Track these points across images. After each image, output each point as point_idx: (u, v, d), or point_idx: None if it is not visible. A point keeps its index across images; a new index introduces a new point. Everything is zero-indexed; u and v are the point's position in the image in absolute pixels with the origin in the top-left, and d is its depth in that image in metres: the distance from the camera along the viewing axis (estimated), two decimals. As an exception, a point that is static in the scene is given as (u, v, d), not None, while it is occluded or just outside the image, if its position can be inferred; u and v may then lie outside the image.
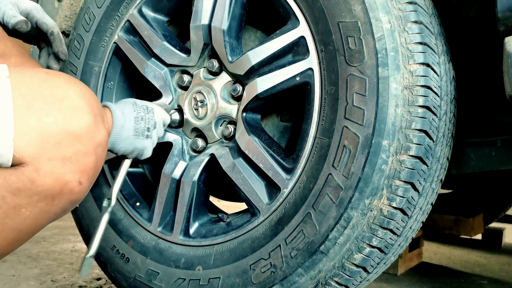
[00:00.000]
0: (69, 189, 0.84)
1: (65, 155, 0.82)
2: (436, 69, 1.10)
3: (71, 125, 0.84)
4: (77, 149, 0.84)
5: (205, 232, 1.33)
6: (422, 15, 1.10)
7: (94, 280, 1.92)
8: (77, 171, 0.84)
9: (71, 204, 0.87)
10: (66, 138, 0.83)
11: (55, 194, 0.83)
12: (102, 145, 0.89)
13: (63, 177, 0.83)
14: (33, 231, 0.88)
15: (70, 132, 0.83)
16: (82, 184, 0.86)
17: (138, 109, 1.20)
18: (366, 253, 1.12)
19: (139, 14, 1.47)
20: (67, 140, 0.83)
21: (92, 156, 0.87)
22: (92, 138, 0.86)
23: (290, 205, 1.16)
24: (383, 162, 1.06)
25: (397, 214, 1.10)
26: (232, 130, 1.32)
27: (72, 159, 0.83)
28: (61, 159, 0.82)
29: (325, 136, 1.13)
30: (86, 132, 0.85)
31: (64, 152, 0.82)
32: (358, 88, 1.08)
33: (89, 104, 0.88)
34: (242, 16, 1.34)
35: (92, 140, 0.86)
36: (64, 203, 0.86)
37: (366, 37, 1.08)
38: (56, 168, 0.82)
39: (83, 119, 0.85)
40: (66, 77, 0.90)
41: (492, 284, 2.29)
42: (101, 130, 0.89)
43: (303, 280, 1.14)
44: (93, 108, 0.88)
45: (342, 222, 1.09)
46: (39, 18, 1.19)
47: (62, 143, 0.82)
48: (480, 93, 1.59)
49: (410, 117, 1.06)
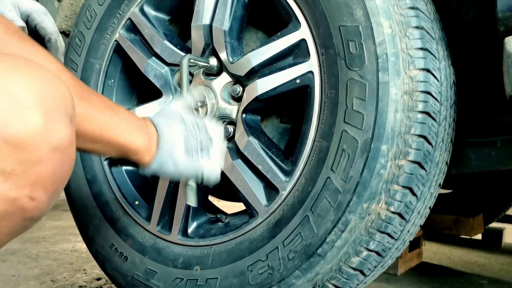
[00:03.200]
0: (18, 208, 0.67)
1: (4, 169, 0.64)
2: (437, 75, 1.10)
3: (9, 130, 0.63)
4: (22, 159, 0.65)
5: (203, 232, 1.33)
6: (423, 21, 1.10)
7: (94, 280, 1.92)
8: (25, 185, 0.67)
9: (29, 221, 0.72)
10: (4, 148, 0.64)
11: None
12: (60, 148, 0.69)
13: (5, 196, 0.65)
14: None
15: (8, 139, 0.63)
16: (36, 199, 0.69)
17: (187, 125, 1.07)
18: (363, 257, 1.12)
19: (140, 13, 1.47)
20: (5, 150, 0.64)
21: (46, 164, 0.68)
22: (44, 141, 0.66)
23: (288, 207, 1.17)
24: (382, 166, 1.06)
25: (395, 218, 1.10)
26: (232, 130, 1.32)
27: (16, 172, 0.65)
28: (0, 174, 0.64)
29: (324, 140, 1.13)
30: (33, 136, 0.65)
31: (2, 166, 0.64)
32: (358, 93, 1.08)
33: (39, 96, 0.67)
34: (244, 17, 1.33)
35: (43, 145, 0.67)
36: (16, 223, 0.70)
37: (367, 41, 1.08)
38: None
39: (27, 118, 0.65)
40: (7, 62, 0.69)
41: (492, 284, 2.29)
42: (57, 130, 0.68)
43: (300, 282, 1.14)
44: (44, 101, 0.67)
45: (340, 226, 1.09)
46: (38, 22, 1.15)
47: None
48: (480, 93, 1.59)
49: (409, 122, 1.06)
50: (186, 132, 1.05)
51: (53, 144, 0.68)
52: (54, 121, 0.68)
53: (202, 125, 1.11)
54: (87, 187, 1.50)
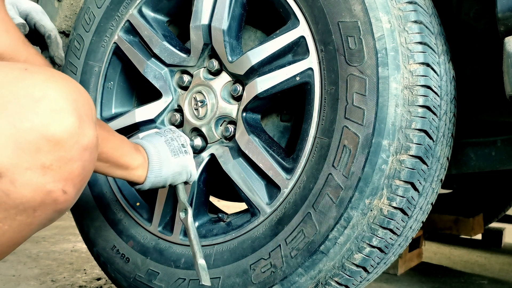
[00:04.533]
0: (52, 200, 0.76)
1: (44, 163, 0.74)
2: (436, 69, 1.10)
3: (51, 130, 0.74)
4: (59, 156, 0.75)
5: (205, 232, 1.33)
6: (422, 15, 1.10)
7: (94, 280, 1.92)
8: (60, 179, 0.76)
9: (56, 213, 0.80)
10: (45, 145, 0.74)
11: (36, 206, 0.75)
12: (89, 148, 0.79)
13: (43, 188, 0.75)
14: (15, 243, 0.81)
15: (49, 138, 0.74)
16: (67, 193, 0.78)
17: (164, 133, 1.20)
18: (366, 253, 1.12)
19: (139, 14, 1.47)
20: (47, 147, 0.74)
21: (77, 162, 0.78)
22: (77, 142, 0.77)
23: (290, 205, 1.16)
24: (383, 162, 1.06)
25: (397, 214, 1.10)
26: (232, 130, 1.32)
27: (53, 167, 0.75)
28: (41, 167, 0.74)
29: (325, 136, 1.13)
30: (69, 136, 0.76)
31: (43, 160, 0.74)
32: (358, 88, 1.08)
33: (73, 103, 0.77)
34: (242, 16, 1.34)
35: (77, 145, 0.77)
36: (48, 214, 0.78)
37: (366, 36, 1.08)
38: (35, 178, 0.74)
39: (65, 121, 0.75)
40: (47, 73, 0.79)
41: (492, 284, 2.29)
42: (87, 132, 0.79)
43: (303, 280, 1.14)
44: (77, 108, 0.78)
45: (342, 222, 1.09)
46: (37, 20, 1.17)
47: (41, 150, 0.73)
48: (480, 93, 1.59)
49: (410, 116, 1.06)
50: (165, 138, 1.19)
51: (84, 145, 0.78)
52: (85, 124, 0.78)
53: (173, 128, 1.25)
54: (88, 189, 1.49)
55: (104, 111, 1.54)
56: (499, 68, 1.08)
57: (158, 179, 1.15)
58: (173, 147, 1.18)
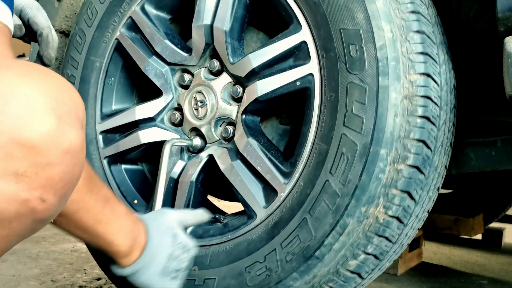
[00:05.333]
0: (29, 209, 0.69)
1: (17, 170, 0.66)
2: (437, 79, 1.10)
3: (23, 133, 0.66)
4: (34, 161, 0.67)
5: (202, 233, 1.33)
6: (424, 25, 1.10)
7: (94, 280, 1.92)
8: (36, 186, 0.68)
9: (37, 224, 0.73)
10: (18, 150, 0.66)
11: (11, 217, 0.68)
12: (71, 152, 0.71)
13: (17, 197, 0.67)
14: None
15: (22, 142, 0.66)
16: (46, 201, 0.70)
17: (176, 246, 1.11)
18: (361, 260, 1.12)
19: (141, 11, 1.47)
20: (19, 152, 0.66)
21: (57, 167, 0.69)
22: (56, 145, 0.68)
23: (286, 209, 1.17)
24: (381, 170, 1.06)
25: (393, 222, 1.10)
26: (232, 131, 1.32)
27: (28, 174, 0.67)
28: (13, 175, 0.66)
29: (324, 142, 1.13)
30: (46, 140, 0.67)
31: (16, 167, 0.66)
32: (358, 96, 1.08)
33: (51, 102, 0.69)
34: (245, 18, 1.33)
35: (55, 148, 0.68)
36: (26, 225, 0.71)
37: (368, 45, 1.07)
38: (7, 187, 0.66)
39: (41, 122, 0.67)
40: (21, 68, 0.71)
41: (492, 284, 2.29)
42: (69, 134, 0.70)
43: (297, 284, 1.14)
44: (57, 106, 0.69)
45: (337, 229, 1.09)
46: (31, 16, 1.14)
47: (12, 156, 0.65)
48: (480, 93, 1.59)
49: (408, 126, 1.06)
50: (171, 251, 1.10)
51: (65, 148, 0.70)
52: (66, 126, 0.70)
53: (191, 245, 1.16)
54: (86, 186, 1.50)
55: (104, 107, 1.54)
56: (499, 68, 1.08)
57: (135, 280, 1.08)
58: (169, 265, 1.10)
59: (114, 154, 1.49)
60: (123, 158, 1.51)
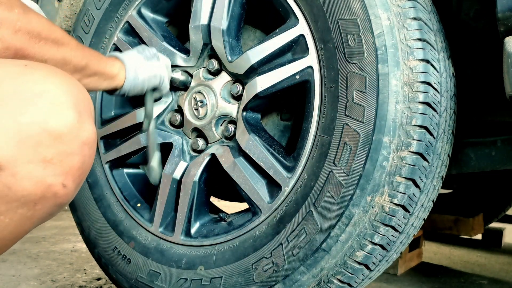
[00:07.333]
0: (52, 193, 0.77)
1: (45, 157, 0.75)
2: (436, 66, 1.11)
3: (51, 123, 0.75)
4: (60, 150, 0.76)
5: (206, 232, 1.33)
6: (421, 12, 1.11)
7: (94, 280, 1.91)
8: (60, 173, 0.77)
9: (56, 207, 0.81)
10: (46, 138, 0.75)
11: (37, 200, 0.76)
12: (89, 143, 0.80)
13: (44, 181, 0.75)
14: (16, 237, 0.81)
15: (50, 131, 0.75)
16: (66, 187, 0.78)
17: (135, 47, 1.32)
18: (368, 250, 1.11)
19: (138, 15, 1.48)
20: (48, 140, 0.75)
21: (77, 156, 0.79)
22: (77, 136, 0.78)
23: (291, 203, 1.16)
24: (384, 158, 1.06)
25: (399, 210, 1.10)
26: (233, 129, 1.32)
27: (54, 161, 0.76)
28: (41, 161, 0.74)
29: (326, 134, 1.13)
30: (69, 131, 0.77)
31: (44, 154, 0.75)
32: (358, 85, 1.08)
33: (73, 98, 0.79)
34: (241, 16, 1.34)
35: (77, 139, 0.78)
36: (48, 208, 0.79)
37: (366, 34, 1.08)
38: (36, 171, 0.74)
39: (65, 116, 0.77)
40: (47, 69, 0.82)
41: (492, 284, 2.28)
42: (87, 127, 0.80)
43: (305, 278, 1.13)
44: (77, 103, 0.79)
45: (343, 220, 1.09)
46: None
47: (42, 144, 0.74)
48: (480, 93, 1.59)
49: (410, 113, 1.06)
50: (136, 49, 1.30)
51: (84, 139, 0.79)
52: (85, 119, 0.80)
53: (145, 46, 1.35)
54: (88, 191, 1.49)
55: (104, 112, 1.54)
56: (499, 68, 1.08)
57: (136, 81, 1.26)
58: (145, 54, 1.29)
59: (115, 159, 1.49)
60: (124, 162, 1.51)
